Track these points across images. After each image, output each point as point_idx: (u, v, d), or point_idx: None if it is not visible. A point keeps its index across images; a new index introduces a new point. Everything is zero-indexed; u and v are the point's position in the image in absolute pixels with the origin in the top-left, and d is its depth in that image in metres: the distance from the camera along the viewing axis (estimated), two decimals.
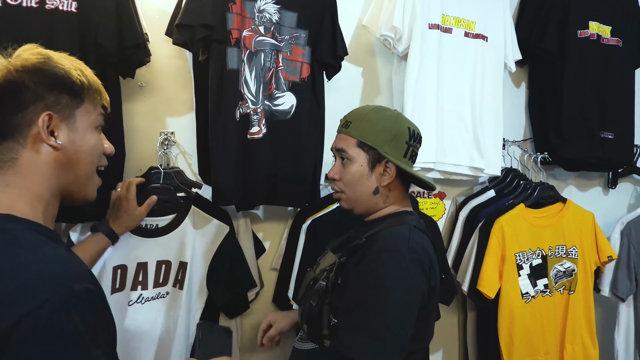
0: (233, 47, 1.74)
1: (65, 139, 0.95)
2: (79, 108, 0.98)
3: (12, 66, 0.92)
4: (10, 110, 0.91)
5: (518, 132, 2.47)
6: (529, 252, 2.11)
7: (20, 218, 0.88)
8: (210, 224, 1.77)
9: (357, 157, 1.35)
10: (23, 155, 0.92)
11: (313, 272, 1.41)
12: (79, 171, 0.98)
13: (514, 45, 2.26)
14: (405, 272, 1.20)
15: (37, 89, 0.92)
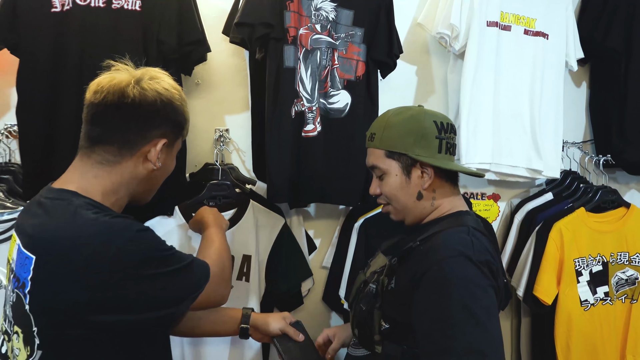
0: (290, 45, 1.75)
1: (163, 162, 1.11)
2: (179, 139, 1.15)
3: (159, 96, 1.06)
4: (139, 127, 1.05)
5: (578, 133, 2.38)
6: (588, 258, 2.03)
7: (81, 195, 1.01)
8: (268, 217, 1.81)
9: (390, 169, 1.29)
10: (127, 163, 1.06)
11: (363, 275, 1.36)
12: (155, 184, 1.15)
13: (576, 43, 2.17)
14: (475, 278, 1.12)
15: (165, 118, 1.07)
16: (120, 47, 1.61)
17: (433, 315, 1.09)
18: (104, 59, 1.59)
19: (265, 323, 1.43)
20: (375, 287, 1.23)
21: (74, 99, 1.60)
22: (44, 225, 0.98)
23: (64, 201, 1.00)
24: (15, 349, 1.00)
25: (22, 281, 0.97)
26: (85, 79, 1.59)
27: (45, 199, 1.03)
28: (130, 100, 1.03)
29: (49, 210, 0.99)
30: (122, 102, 1.02)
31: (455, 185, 1.35)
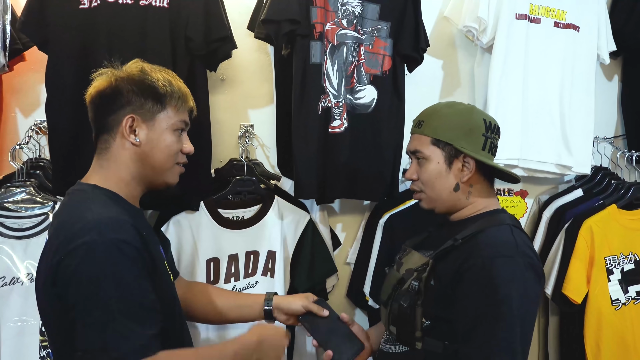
0: (316, 41, 1.74)
1: (144, 138, 1.15)
2: (161, 113, 1.17)
3: (114, 76, 1.15)
4: (109, 111, 1.15)
5: (609, 128, 2.33)
6: (620, 256, 1.99)
7: (102, 187, 1.12)
8: (293, 213, 1.80)
9: (432, 156, 1.32)
10: (113, 147, 1.15)
11: (397, 272, 1.36)
12: (155, 164, 1.17)
13: (608, 35, 2.12)
14: (522, 280, 1.17)
15: (128, 95, 1.14)
16: (147, 44, 1.63)
17: (479, 313, 1.15)
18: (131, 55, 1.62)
19: (288, 303, 1.45)
20: (417, 284, 1.25)
21: None
22: (59, 214, 1.11)
23: (81, 192, 1.12)
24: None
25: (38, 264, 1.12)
26: None
27: (69, 193, 1.16)
28: (95, 90, 1.16)
29: (67, 201, 1.13)
30: (91, 97, 1.17)
31: (492, 185, 1.38)
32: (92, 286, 0.96)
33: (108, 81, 1.15)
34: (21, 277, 1.61)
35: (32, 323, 1.60)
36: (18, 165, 1.71)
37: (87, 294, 0.97)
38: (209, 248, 1.71)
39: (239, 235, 1.73)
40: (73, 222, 1.03)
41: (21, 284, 1.61)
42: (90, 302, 0.97)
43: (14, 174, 1.71)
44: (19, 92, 1.85)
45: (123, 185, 1.15)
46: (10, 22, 1.70)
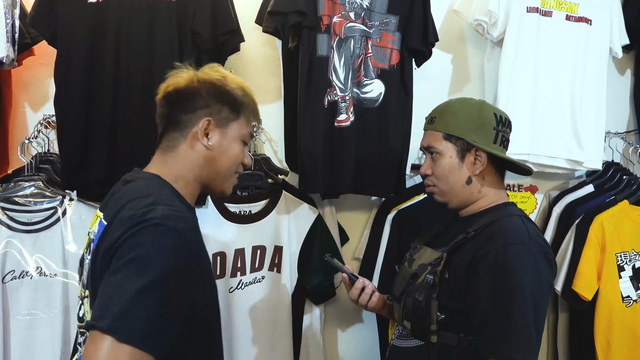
0: (323, 33, 1.73)
1: (216, 142, 1.14)
2: (235, 121, 1.17)
3: (196, 77, 1.14)
4: (183, 109, 1.13)
5: (621, 123, 2.29)
6: (632, 253, 1.96)
7: (163, 179, 1.11)
8: (301, 208, 1.80)
9: (445, 150, 1.35)
10: (182, 146, 1.13)
11: (409, 268, 1.37)
12: (219, 170, 1.17)
13: (621, 28, 2.09)
14: (535, 266, 1.19)
15: (207, 98, 1.13)
16: (155, 38, 1.63)
17: (493, 300, 1.17)
18: (139, 50, 1.64)
19: None
20: (432, 277, 1.27)
21: (110, 90, 1.63)
22: (122, 197, 1.06)
23: (147, 180, 1.10)
24: (87, 312, 1.07)
25: (94, 247, 1.05)
26: (121, 70, 1.64)
27: (131, 178, 1.13)
28: (172, 88, 1.14)
29: (132, 185, 1.09)
30: (167, 92, 1.15)
31: (502, 178, 1.41)
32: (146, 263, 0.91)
33: (189, 81, 1.14)
34: (30, 271, 1.63)
35: (41, 316, 1.62)
36: (27, 160, 1.72)
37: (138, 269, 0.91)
38: (216, 242, 1.71)
39: (245, 229, 1.73)
40: (140, 206, 0.98)
41: (30, 277, 1.63)
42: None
43: (23, 168, 1.73)
44: (28, 87, 1.86)
45: (183, 184, 1.13)
46: (20, 16, 1.71)
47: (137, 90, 1.63)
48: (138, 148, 1.64)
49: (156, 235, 0.93)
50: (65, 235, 1.67)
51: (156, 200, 1.00)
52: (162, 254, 0.92)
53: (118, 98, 1.64)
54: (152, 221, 0.94)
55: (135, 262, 0.90)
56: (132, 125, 1.65)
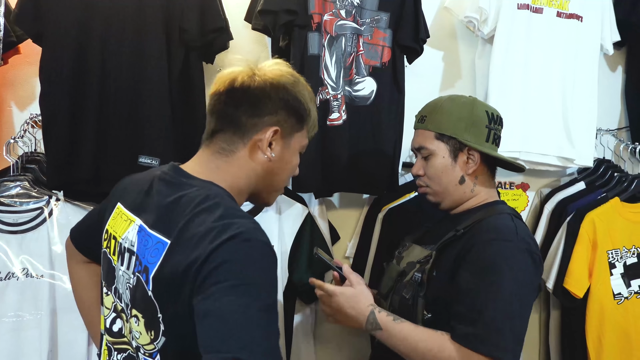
0: (314, 32, 1.71)
1: (278, 154, 1.05)
2: (299, 132, 1.08)
3: (268, 79, 1.02)
4: (249, 111, 1.01)
5: (612, 120, 2.29)
6: (623, 250, 1.96)
7: (221, 187, 1.00)
8: (291, 207, 1.78)
9: (437, 150, 1.34)
10: (240, 152, 1.02)
11: (397, 266, 1.36)
12: (274, 182, 1.09)
13: (612, 25, 2.08)
14: (518, 261, 1.18)
15: (278, 104, 1.02)
16: (143, 35, 1.61)
17: (472, 293, 1.15)
18: (127, 47, 1.62)
19: None
20: (420, 275, 1.26)
21: (97, 87, 1.61)
22: (178, 208, 0.95)
23: (204, 189, 0.97)
24: (135, 331, 0.98)
25: (145, 265, 0.94)
26: (108, 68, 1.62)
27: (173, 179, 1.02)
28: (239, 84, 1.01)
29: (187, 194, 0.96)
30: (232, 87, 1.02)
31: (494, 176, 1.40)
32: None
33: (260, 80, 1.01)
34: (16, 272, 1.60)
35: (27, 318, 1.59)
36: (13, 160, 1.69)
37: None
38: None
39: None
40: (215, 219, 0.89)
41: (17, 279, 1.60)
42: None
43: (8, 169, 1.70)
44: (14, 86, 1.83)
45: (236, 193, 1.02)
46: (4, 14, 1.67)
47: (125, 88, 1.61)
48: (126, 146, 1.63)
49: (251, 252, 0.87)
50: (52, 236, 1.64)
51: (229, 212, 0.92)
52: (264, 271, 0.87)
53: (105, 96, 1.61)
54: (241, 237, 0.87)
55: (245, 287, 0.84)
56: (120, 123, 1.62)
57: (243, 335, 0.81)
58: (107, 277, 1.07)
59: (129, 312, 0.99)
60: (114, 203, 1.11)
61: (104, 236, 1.10)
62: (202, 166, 1.03)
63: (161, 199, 0.99)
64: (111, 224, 1.09)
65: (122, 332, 1.04)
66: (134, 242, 0.99)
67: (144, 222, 0.99)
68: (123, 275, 1.01)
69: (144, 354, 0.96)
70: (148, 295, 0.93)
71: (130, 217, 1.03)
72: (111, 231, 1.08)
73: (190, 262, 0.86)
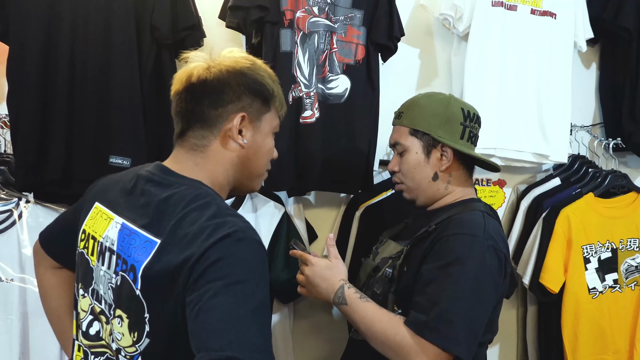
0: (286, 28, 1.70)
1: (250, 139, 1.04)
2: (266, 114, 1.07)
3: (223, 66, 1.01)
4: (212, 104, 1.01)
5: (587, 116, 2.31)
6: (597, 245, 1.98)
7: (206, 185, 1.00)
8: (267, 206, 1.77)
9: (411, 146, 1.34)
10: (213, 145, 1.02)
11: (372, 261, 1.37)
12: (254, 169, 1.08)
13: (585, 22, 2.09)
14: (481, 257, 1.17)
15: (238, 90, 1.01)
16: (112, 33, 1.58)
17: (428, 276, 1.16)
18: (96, 44, 1.59)
19: None
20: (390, 271, 1.26)
21: (65, 86, 1.58)
22: (166, 207, 0.94)
23: (191, 187, 0.98)
24: (117, 333, 0.96)
25: (132, 263, 0.93)
26: (76, 67, 1.59)
27: (160, 179, 1.01)
28: (196, 79, 1.01)
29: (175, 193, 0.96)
30: (190, 84, 1.02)
31: (470, 174, 1.40)
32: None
33: (216, 71, 1.01)
34: None
35: None
36: None
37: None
38: None
39: None
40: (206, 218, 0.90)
41: None
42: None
43: None
44: None
45: (218, 189, 1.02)
46: None
47: (94, 87, 1.58)
48: (96, 147, 1.60)
49: (245, 251, 0.88)
50: (22, 239, 1.61)
51: (221, 211, 0.92)
52: (257, 270, 0.88)
53: (74, 95, 1.58)
54: (235, 235, 0.88)
55: (239, 285, 0.84)
56: (90, 123, 1.60)
57: (237, 334, 0.81)
58: (84, 278, 1.06)
59: (112, 312, 0.97)
60: (90, 203, 1.09)
61: (81, 236, 1.08)
62: (181, 165, 1.03)
63: (150, 198, 0.98)
64: (89, 224, 1.07)
65: (100, 334, 1.02)
66: (114, 240, 0.99)
67: (128, 220, 0.98)
68: (104, 275, 1.00)
69: (125, 356, 0.95)
70: (135, 294, 0.92)
71: (111, 216, 1.03)
72: (89, 231, 1.06)
73: (183, 259, 0.86)
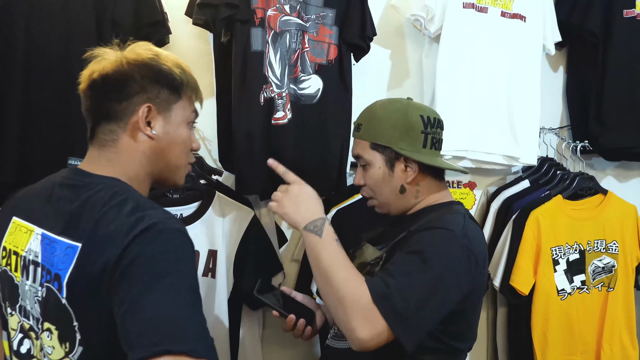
0: (257, 27, 1.65)
1: (160, 130, 1.02)
2: (176, 103, 1.05)
3: (124, 59, 1.00)
4: (116, 97, 1.00)
5: (554, 119, 2.33)
6: (565, 247, 2.00)
7: (122, 181, 0.99)
8: (235, 210, 1.71)
9: (373, 160, 1.30)
10: (123, 139, 1.00)
11: None
12: (170, 161, 1.06)
13: (554, 25, 2.11)
14: (452, 252, 1.14)
15: (142, 81, 1.00)
16: (71, 28, 1.51)
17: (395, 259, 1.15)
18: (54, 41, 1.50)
19: None
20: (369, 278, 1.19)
21: (21, 84, 1.50)
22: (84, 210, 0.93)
23: (108, 185, 0.97)
24: (47, 347, 0.93)
25: (55, 272, 0.91)
26: (33, 64, 1.50)
27: (75, 182, 0.99)
28: (98, 75, 1.00)
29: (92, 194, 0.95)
30: (92, 81, 1.01)
31: (441, 179, 1.36)
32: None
33: (117, 64, 0.99)
34: None
35: None
36: None
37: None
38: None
39: None
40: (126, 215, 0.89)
41: None
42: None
43: None
44: None
45: (137, 184, 1.01)
46: None
47: (52, 85, 1.51)
48: (54, 148, 1.52)
49: (166, 242, 0.87)
50: None
51: (139, 205, 0.92)
52: (181, 259, 0.87)
53: (30, 94, 1.50)
54: (154, 228, 0.86)
55: (164, 278, 0.83)
56: (48, 122, 1.52)
57: (168, 327, 0.80)
58: (10, 296, 1.02)
59: (40, 327, 0.94)
60: (7, 219, 1.06)
61: (2, 254, 1.04)
62: (95, 164, 1.02)
63: (66, 204, 0.96)
64: (9, 240, 1.03)
65: (32, 352, 0.98)
66: (38, 252, 0.96)
67: (48, 230, 0.96)
68: (30, 289, 0.96)
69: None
70: (62, 304, 0.90)
71: (30, 228, 1.00)
72: (10, 247, 1.02)
73: (105, 260, 0.85)
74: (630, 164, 2.43)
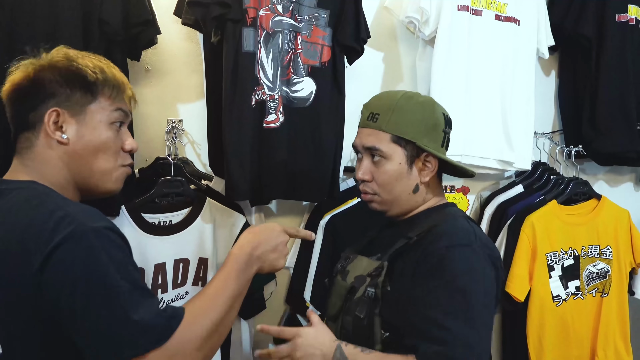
0: (249, 27, 1.60)
1: (73, 134, 1.00)
2: (92, 104, 1.02)
3: (32, 66, 0.99)
4: (28, 107, 0.99)
5: (547, 123, 2.33)
6: (560, 252, 1.98)
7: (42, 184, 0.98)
8: (227, 216, 1.66)
9: (393, 155, 1.19)
10: (38, 146, 0.99)
11: (344, 282, 1.23)
12: (90, 165, 1.02)
13: (547, 29, 2.11)
14: (480, 269, 1.09)
15: (51, 86, 0.99)
16: (56, 28, 1.43)
17: (432, 301, 1.05)
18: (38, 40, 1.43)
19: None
20: (373, 290, 1.13)
21: None
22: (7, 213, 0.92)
23: (26, 189, 0.95)
24: None
25: None
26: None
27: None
28: (12, 85, 1.01)
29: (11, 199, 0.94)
30: (8, 92, 1.02)
31: (441, 180, 1.30)
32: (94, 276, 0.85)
33: (25, 72, 0.99)
34: None
35: None
36: None
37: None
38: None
39: (166, 242, 1.56)
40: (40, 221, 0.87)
41: None
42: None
43: None
44: None
45: (59, 189, 0.99)
46: None
47: None
48: None
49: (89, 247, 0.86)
50: None
51: (56, 206, 0.89)
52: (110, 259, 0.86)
53: None
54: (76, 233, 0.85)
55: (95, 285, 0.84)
56: None
57: (118, 330, 0.83)
58: None
59: None
60: None
61: None
62: (15, 172, 1.01)
63: None
64: None
65: None
66: None
67: None
68: None
69: None
70: None
71: None
72: None
73: (27, 270, 0.84)
74: (621, 169, 2.43)
